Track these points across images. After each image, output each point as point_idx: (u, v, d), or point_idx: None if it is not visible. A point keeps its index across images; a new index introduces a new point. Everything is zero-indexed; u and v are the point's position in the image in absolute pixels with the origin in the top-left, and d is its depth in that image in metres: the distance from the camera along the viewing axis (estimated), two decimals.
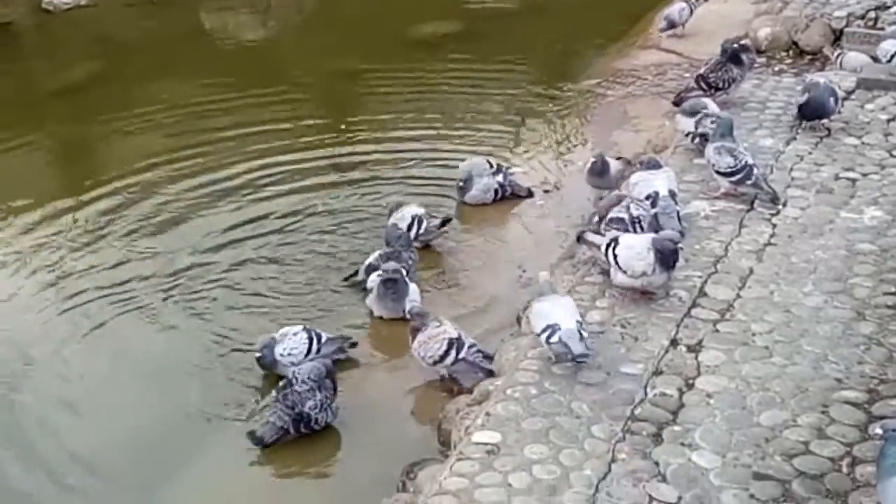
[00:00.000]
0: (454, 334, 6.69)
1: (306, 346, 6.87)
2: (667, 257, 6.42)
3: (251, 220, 8.75)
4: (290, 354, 6.85)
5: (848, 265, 6.81)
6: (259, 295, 7.78)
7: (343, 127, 10.47)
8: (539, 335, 5.99)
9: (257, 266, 8.12)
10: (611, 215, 7.02)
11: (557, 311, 6.02)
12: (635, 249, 6.47)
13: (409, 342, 6.77)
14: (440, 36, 12.51)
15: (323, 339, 6.94)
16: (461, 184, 8.71)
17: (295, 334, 6.92)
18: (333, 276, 7.92)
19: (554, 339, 5.92)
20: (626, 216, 6.96)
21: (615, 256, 6.51)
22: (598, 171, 8.26)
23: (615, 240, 6.56)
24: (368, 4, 13.87)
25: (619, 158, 8.44)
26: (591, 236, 6.83)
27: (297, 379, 6.41)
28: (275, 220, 8.75)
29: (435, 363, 6.68)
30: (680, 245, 6.53)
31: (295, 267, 8.09)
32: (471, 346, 6.68)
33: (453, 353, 6.63)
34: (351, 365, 7.04)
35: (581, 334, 5.92)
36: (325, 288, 7.81)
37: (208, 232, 8.58)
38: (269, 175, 9.44)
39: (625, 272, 6.49)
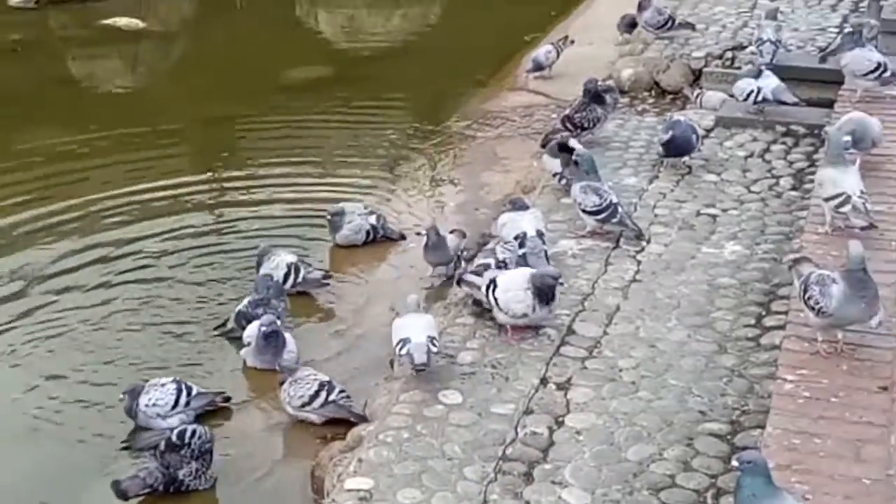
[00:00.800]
0: (324, 378, 6.73)
1: (173, 397, 6.79)
2: (545, 293, 6.54)
3: (118, 268, 8.62)
4: (154, 405, 6.76)
5: (710, 299, 7.00)
6: (124, 343, 7.67)
7: (215, 172, 10.43)
8: (395, 347, 6.36)
9: (124, 314, 8.00)
10: (477, 261, 7.11)
11: (412, 327, 6.36)
12: (512, 291, 6.57)
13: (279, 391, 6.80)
14: (312, 80, 12.56)
15: (193, 392, 6.87)
16: (332, 217, 8.70)
17: (163, 385, 6.84)
18: (203, 325, 7.86)
19: (403, 350, 6.25)
20: (492, 260, 7.06)
21: (495, 299, 6.60)
22: (434, 246, 7.96)
23: (493, 281, 6.65)
24: (239, 49, 13.88)
25: (453, 231, 8.18)
26: (470, 277, 6.91)
27: (177, 441, 6.30)
28: (143, 268, 8.64)
29: (303, 405, 6.68)
30: (560, 280, 6.68)
31: (164, 315, 8.00)
32: (340, 391, 6.71)
33: (323, 394, 6.65)
34: (223, 416, 6.99)
35: (429, 348, 6.21)
36: (196, 336, 7.73)
37: (70, 284, 8.42)
38: (140, 222, 9.34)
39: (505, 313, 6.59)
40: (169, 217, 9.39)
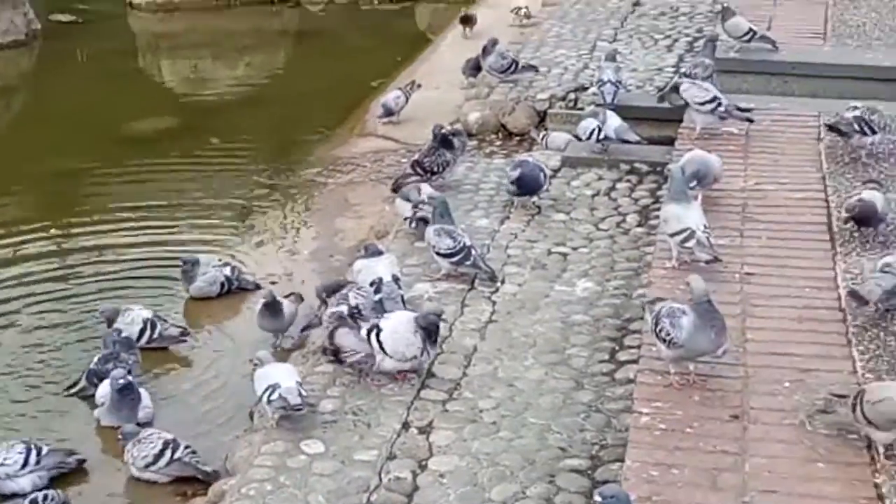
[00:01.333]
0: (168, 436, 6.63)
1: (22, 457, 6.60)
2: (432, 332, 6.60)
3: None
4: (2, 465, 6.57)
5: (564, 336, 7.13)
6: None
7: (60, 229, 10.21)
8: (261, 396, 6.35)
9: None
10: (330, 309, 7.11)
11: (278, 373, 6.43)
12: (400, 334, 6.58)
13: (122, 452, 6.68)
14: (159, 131, 12.41)
15: (43, 452, 6.69)
16: (185, 268, 8.59)
17: (12, 446, 6.66)
18: (54, 385, 7.66)
19: (274, 395, 6.25)
20: (345, 307, 7.06)
21: (380, 343, 6.60)
22: (270, 313, 7.78)
23: (376, 326, 6.65)
24: (83, 102, 13.64)
25: (289, 295, 8.02)
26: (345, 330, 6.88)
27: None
28: None
29: (147, 465, 6.56)
30: (444, 317, 6.79)
31: (11, 376, 7.78)
32: (186, 447, 6.61)
33: (168, 453, 6.54)
34: (79, 478, 6.81)
35: (300, 391, 6.27)
36: (47, 398, 7.54)
37: None
38: None
39: (393, 357, 6.60)
40: (12, 268, 9.16)
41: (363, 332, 6.67)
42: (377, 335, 6.60)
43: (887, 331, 6.15)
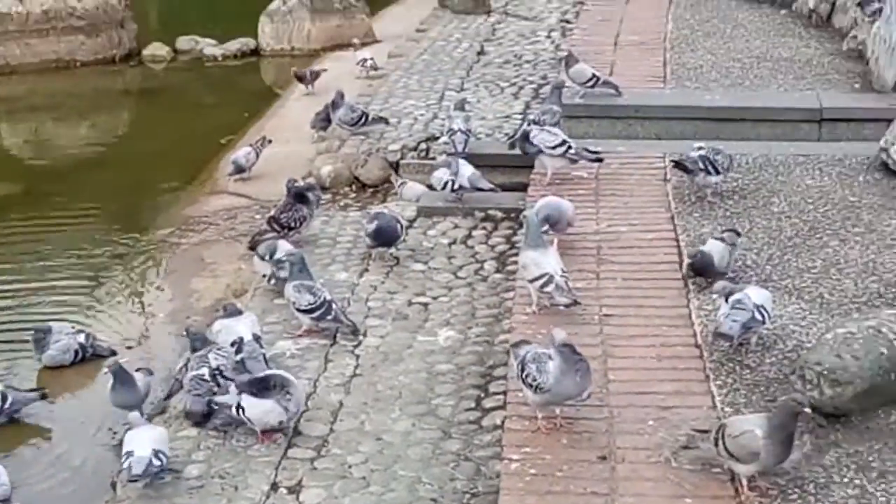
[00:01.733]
0: None
1: None
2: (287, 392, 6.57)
3: None
4: None
5: (430, 387, 7.15)
6: None
7: None
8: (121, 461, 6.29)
9: None
10: (191, 373, 6.99)
11: (139, 440, 6.31)
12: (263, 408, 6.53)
13: None
14: (1, 197, 12.10)
15: None
16: (37, 337, 8.36)
17: None
18: None
19: (125, 464, 6.20)
20: (206, 369, 6.96)
21: (248, 419, 6.55)
22: (122, 387, 7.37)
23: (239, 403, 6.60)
24: None
25: (139, 370, 7.71)
26: (220, 398, 6.76)
27: None
28: None
29: None
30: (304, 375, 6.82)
31: None
32: None
33: None
34: None
35: (150, 460, 6.14)
36: None
37: None
38: None
39: (255, 425, 6.57)
40: None
41: (234, 407, 6.60)
42: (243, 411, 6.55)
43: (742, 364, 6.33)
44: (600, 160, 9.04)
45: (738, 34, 12.46)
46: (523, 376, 5.85)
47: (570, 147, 8.91)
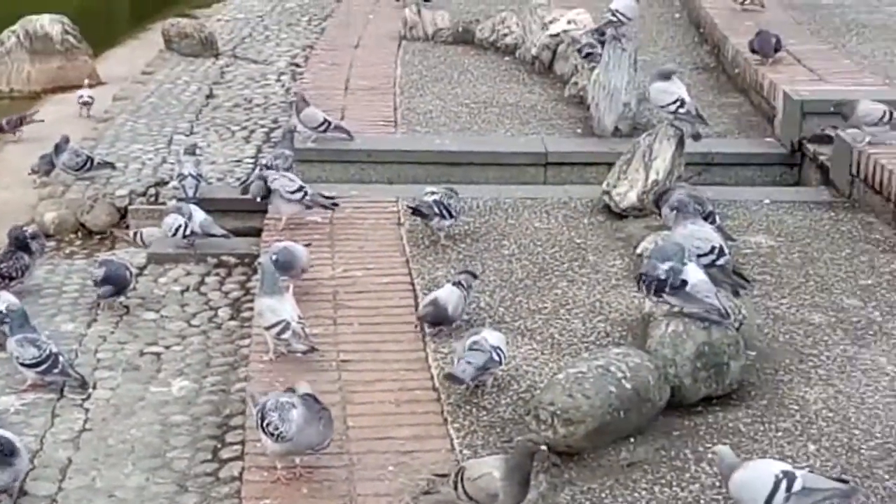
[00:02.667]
0: None
1: None
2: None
3: None
4: None
5: (164, 439, 6.93)
6: None
7: None
8: None
9: None
10: None
11: None
12: None
13: None
14: None
15: None
16: None
17: None
18: None
19: None
20: None
21: None
22: None
23: None
24: None
25: None
26: None
27: None
28: None
29: None
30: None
31: None
32: None
33: None
34: None
35: None
36: None
37: None
38: None
39: None
40: None
41: None
42: None
43: (479, 406, 6.43)
44: (336, 205, 9.04)
45: (466, 80, 12.75)
46: (264, 425, 5.75)
47: (305, 193, 8.89)
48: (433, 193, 8.63)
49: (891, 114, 9.16)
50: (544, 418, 5.92)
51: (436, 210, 8.44)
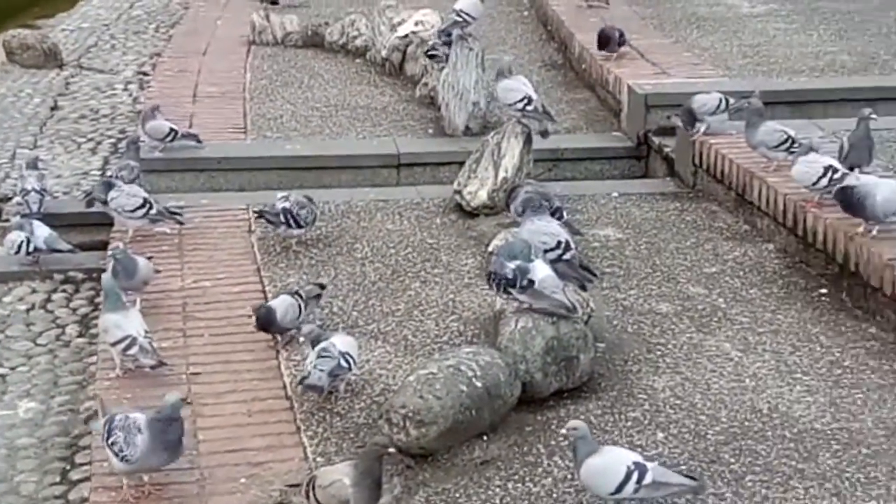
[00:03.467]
0: None
1: None
2: None
3: None
4: None
5: (11, 464, 6.75)
6: None
7: None
8: None
9: None
10: None
11: None
12: None
13: None
14: None
15: None
16: None
17: None
18: None
19: None
20: None
21: None
22: None
23: None
24: None
25: None
26: None
27: None
28: None
29: None
30: None
31: None
32: None
33: None
34: None
35: None
36: None
37: None
38: None
39: None
40: None
41: None
42: None
43: (333, 412, 6.39)
44: (181, 223, 8.82)
45: (316, 83, 12.67)
46: (109, 443, 5.61)
47: (150, 207, 8.66)
48: (285, 199, 8.53)
49: (727, 101, 9.36)
50: (396, 421, 5.90)
51: (282, 219, 8.35)
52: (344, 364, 6.38)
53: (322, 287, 7.47)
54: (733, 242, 8.59)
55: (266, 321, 7.07)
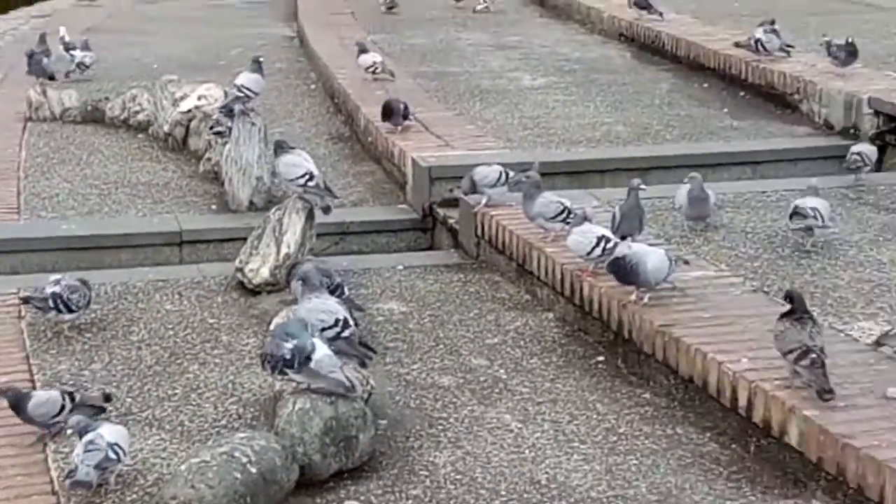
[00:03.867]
0: None
1: None
2: None
3: None
4: None
5: None
6: None
7: None
8: None
9: None
10: None
11: None
12: None
13: None
14: None
15: None
16: None
17: None
18: None
19: None
20: None
21: None
22: None
23: None
24: None
25: None
26: None
27: None
28: None
29: None
30: None
31: None
32: None
33: None
34: None
35: None
36: None
37: None
38: None
39: None
40: None
41: None
42: None
43: None
44: None
45: (95, 160, 12.36)
46: None
47: None
48: (56, 283, 8.21)
49: (507, 174, 9.49)
50: None
51: (51, 304, 8.03)
52: (112, 455, 6.12)
53: (108, 399, 7.10)
54: (515, 312, 8.67)
55: (13, 407, 6.74)
